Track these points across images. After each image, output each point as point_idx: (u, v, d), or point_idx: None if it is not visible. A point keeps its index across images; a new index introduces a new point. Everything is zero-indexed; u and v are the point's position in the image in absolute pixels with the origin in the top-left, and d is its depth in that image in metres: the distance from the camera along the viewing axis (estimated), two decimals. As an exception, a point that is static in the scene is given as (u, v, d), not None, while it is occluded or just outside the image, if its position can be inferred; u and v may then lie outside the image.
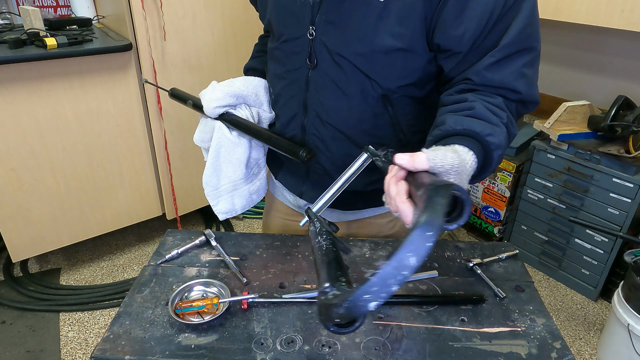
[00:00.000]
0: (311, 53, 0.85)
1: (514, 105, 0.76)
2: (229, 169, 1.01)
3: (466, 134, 0.68)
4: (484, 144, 0.68)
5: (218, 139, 0.99)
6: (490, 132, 0.68)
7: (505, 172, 2.25)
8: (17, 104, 1.72)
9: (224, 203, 1.03)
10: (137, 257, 2.34)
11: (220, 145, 0.99)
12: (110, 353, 0.76)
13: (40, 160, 1.85)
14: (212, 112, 0.98)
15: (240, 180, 1.02)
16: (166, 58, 1.96)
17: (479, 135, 0.68)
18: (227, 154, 0.99)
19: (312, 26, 0.82)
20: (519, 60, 0.73)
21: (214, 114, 0.98)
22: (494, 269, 0.99)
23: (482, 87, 0.75)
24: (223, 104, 0.97)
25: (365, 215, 1.08)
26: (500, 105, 0.73)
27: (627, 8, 1.67)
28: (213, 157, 1.00)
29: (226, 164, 1.00)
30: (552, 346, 0.79)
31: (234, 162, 1.00)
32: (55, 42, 1.71)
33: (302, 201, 1.09)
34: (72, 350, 1.79)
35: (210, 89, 1.00)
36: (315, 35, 0.83)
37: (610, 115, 1.88)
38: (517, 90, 0.74)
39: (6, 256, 2.20)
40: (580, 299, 2.14)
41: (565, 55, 2.34)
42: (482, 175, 0.71)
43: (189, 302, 0.84)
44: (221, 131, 0.98)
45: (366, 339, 0.80)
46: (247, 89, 1.00)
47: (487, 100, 0.73)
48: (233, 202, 1.04)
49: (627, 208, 1.86)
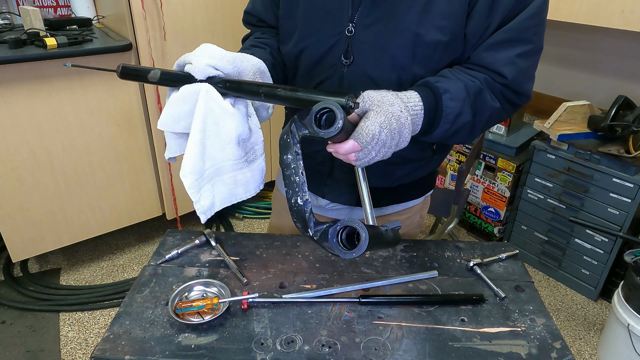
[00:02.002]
0: (347, 50, 0.85)
1: (499, 87, 0.80)
2: (215, 147, 0.77)
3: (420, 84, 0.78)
4: (431, 88, 0.76)
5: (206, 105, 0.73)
6: (440, 80, 0.77)
7: (505, 172, 2.25)
8: (17, 104, 1.72)
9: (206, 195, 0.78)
10: (137, 257, 2.34)
11: (207, 115, 0.74)
12: (110, 353, 0.76)
13: (40, 160, 1.85)
14: (201, 70, 0.74)
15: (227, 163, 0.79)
16: (166, 58, 1.96)
17: (428, 82, 0.77)
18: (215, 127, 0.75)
19: (352, 23, 0.83)
20: (513, 49, 0.77)
21: (203, 74, 0.75)
22: (494, 269, 0.99)
23: (474, 65, 0.80)
24: (218, 65, 0.75)
25: (385, 212, 1.08)
26: (475, 76, 0.79)
27: (627, 8, 1.67)
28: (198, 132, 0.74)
29: (211, 139, 0.76)
30: (552, 346, 0.79)
31: (222, 139, 0.76)
32: (55, 42, 1.71)
33: (323, 201, 1.07)
34: (72, 350, 1.79)
35: (202, 47, 0.78)
36: (354, 32, 0.83)
37: (610, 115, 1.88)
38: (503, 75, 0.78)
39: (6, 256, 2.20)
40: (580, 299, 2.14)
41: (565, 55, 2.34)
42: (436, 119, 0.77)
43: (189, 302, 0.84)
44: (210, 96, 0.74)
45: (366, 339, 0.80)
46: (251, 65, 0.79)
47: (462, 70, 0.80)
48: (213, 192, 0.79)
49: (627, 208, 1.86)
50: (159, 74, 0.75)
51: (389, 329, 0.82)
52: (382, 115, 0.67)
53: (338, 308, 0.86)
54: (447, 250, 1.05)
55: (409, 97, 0.73)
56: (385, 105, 0.68)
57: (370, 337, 0.80)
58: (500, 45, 0.77)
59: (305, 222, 0.68)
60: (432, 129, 0.77)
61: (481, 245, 1.08)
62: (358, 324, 0.83)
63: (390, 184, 1.00)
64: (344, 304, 0.87)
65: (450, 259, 1.02)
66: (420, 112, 0.74)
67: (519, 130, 2.36)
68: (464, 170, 1.76)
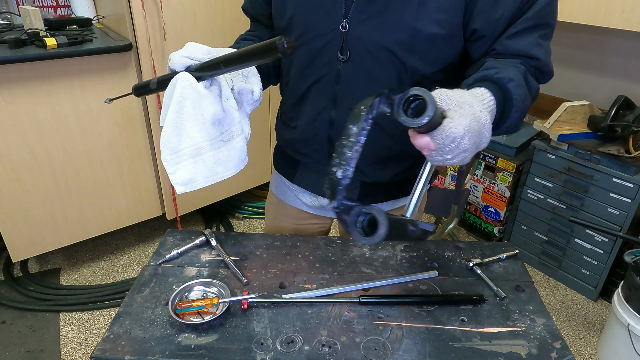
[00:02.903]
0: (343, 46, 0.85)
1: (533, 70, 0.80)
2: (193, 128, 0.83)
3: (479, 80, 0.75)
4: (494, 80, 0.74)
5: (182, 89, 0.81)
6: (496, 71, 0.74)
7: (505, 172, 2.25)
8: (17, 104, 1.72)
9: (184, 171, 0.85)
10: (137, 257, 2.34)
11: (184, 98, 0.81)
12: (110, 353, 0.76)
13: (40, 160, 1.85)
14: (178, 62, 0.80)
15: (205, 143, 0.85)
16: (166, 58, 1.96)
17: (487, 75, 0.74)
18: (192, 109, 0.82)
19: (346, 19, 0.83)
20: (536, 32, 0.79)
21: (180, 65, 0.81)
22: (494, 269, 0.99)
23: (503, 55, 0.80)
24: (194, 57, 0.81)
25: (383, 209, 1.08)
26: (514, 62, 0.78)
27: (627, 8, 1.67)
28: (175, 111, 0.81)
29: (190, 121, 0.82)
30: (552, 346, 0.79)
31: (198, 120, 0.83)
32: (55, 42, 1.71)
33: (324, 200, 1.08)
34: (72, 350, 1.79)
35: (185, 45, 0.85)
36: (348, 28, 0.83)
37: (610, 115, 1.88)
38: (535, 57, 0.79)
39: (6, 256, 2.20)
40: (580, 299, 2.14)
41: (565, 55, 2.34)
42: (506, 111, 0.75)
43: (189, 302, 0.84)
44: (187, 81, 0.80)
45: (366, 339, 0.80)
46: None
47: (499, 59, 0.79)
48: (195, 171, 0.86)
49: (627, 208, 1.86)
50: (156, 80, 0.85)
51: (389, 329, 0.82)
52: (467, 118, 0.63)
53: (338, 308, 0.87)
54: (447, 250, 1.05)
55: (481, 93, 0.71)
56: (466, 105, 0.65)
57: (370, 337, 0.80)
58: (524, 32, 0.78)
59: (334, 192, 0.65)
60: (502, 121, 0.76)
61: (481, 245, 1.08)
62: (358, 324, 0.83)
63: (388, 179, 1.00)
64: (344, 304, 0.87)
65: (450, 259, 1.02)
66: (494, 107, 0.72)
67: (519, 130, 2.36)
68: (464, 170, 1.76)
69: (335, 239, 1.08)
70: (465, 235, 2.58)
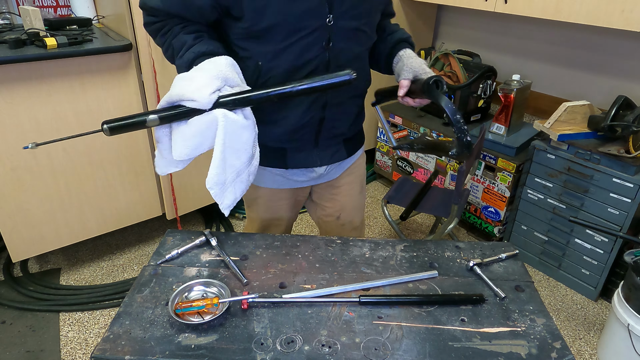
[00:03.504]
0: (329, 38, 1.01)
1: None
2: (233, 158, 0.90)
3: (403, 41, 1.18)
4: (409, 42, 1.20)
5: (225, 128, 0.84)
6: (404, 34, 1.21)
7: (505, 172, 2.25)
8: (17, 104, 1.72)
9: (229, 196, 0.93)
10: (137, 257, 2.34)
11: (226, 135, 0.85)
12: (110, 353, 0.76)
13: (40, 160, 1.85)
14: (209, 101, 0.85)
15: (243, 166, 0.93)
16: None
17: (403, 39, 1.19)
18: (232, 142, 0.88)
19: (331, 14, 0.98)
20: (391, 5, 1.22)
21: (211, 102, 0.85)
22: (494, 269, 0.99)
23: (389, 15, 1.23)
24: (215, 88, 0.86)
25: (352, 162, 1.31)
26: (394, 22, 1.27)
27: (627, 8, 1.67)
28: (220, 151, 0.86)
29: (231, 153, 0.89)
30: (552, 346, 0.79)
31: (239, 149, 0.90)
32: (55, 42, 1.71)
33: (321, 169, 1.22)
34: (72, 350, 1.79)
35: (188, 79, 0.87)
36: (333, 22, 0.99)
37: (610, 115, 1.88)
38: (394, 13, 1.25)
39: (6, 256, 2.20)
40: (580, 299, 2.14)
41: (565, 55, 2.34)
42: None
43: (189, 302, 0.84)
44: (227, 118, 0.85)
45: (366, 339, 0.80)
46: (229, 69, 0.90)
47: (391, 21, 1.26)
48: (236, 191, 0.95)
49: (627, 208, 1.86)
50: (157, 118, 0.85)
51: (389, 329, 0.82)
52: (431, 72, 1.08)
53: (338, 308, 0.87)
54: (447, 250, 1.05)
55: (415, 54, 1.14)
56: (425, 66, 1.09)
57: (370, 337, 0.80)
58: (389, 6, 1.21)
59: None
60: None
61: (481, 245, 1.08)
62: (358, 324, 0.83)
63: (355, 132, 1.25)
64: (344, 304, 0.87)
65: (450, 259, 1.02)
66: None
67: (519, 130, 2.36)
68: (464, 170, 1.76)
69: (335, 239, 1.08)
70: (465, 235, 2.58)
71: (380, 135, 2.90)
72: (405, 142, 1.16)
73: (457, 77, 2.48)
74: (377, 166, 3.01)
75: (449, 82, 2.50)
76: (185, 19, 1.00)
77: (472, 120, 2.56)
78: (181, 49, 0.97)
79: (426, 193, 2.20)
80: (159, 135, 0.94)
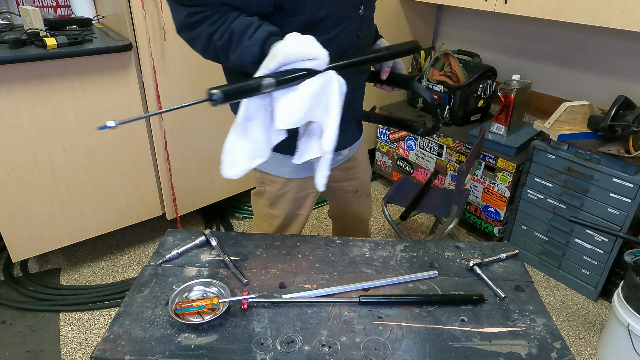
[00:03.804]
0: (360, 27, 1.11)
1: None
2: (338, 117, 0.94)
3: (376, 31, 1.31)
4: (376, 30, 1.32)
5: (340, 87, 0.90)
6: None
7: (505, 172, 2.25)
8: (17, 104, 1.72)
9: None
10: (137, 257, 2.34)
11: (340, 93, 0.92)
12: (110, 353, 0.76)
13: (40, 160, 1.85)
14: (327, 60, 0.90)
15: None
16: (166, 58, 1.96)
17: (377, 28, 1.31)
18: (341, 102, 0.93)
19: (362, 5, 1.08)
20: None
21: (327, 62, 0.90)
22: (494, 269, 0.99)
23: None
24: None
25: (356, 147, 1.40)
26: None
27: (627, 8, 1.67)
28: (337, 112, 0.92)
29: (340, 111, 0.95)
30: (552, 346, 0.79)
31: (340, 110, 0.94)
32: (55, 42, 1.71)
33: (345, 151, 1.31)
34: (72, 350, 1.79)
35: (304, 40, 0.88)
36: (363, 12, 1.09)
37: (610, 115, 1.88)
38: None
39: (6, 256, 2.20)
40: (580, 299, 2.14)
41: (565, 55, 2.34)
42: None
43: (189, 302, 0.84)
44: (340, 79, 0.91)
45: (366, 339, 0.80)
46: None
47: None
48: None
49: (627, 208, 1.86)
50: (275, 81, 0.81)
51: (389, 329, 0.82)
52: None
53: (338, 308, 0.87)
54: (447, 250, 1.05)
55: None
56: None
57: (370, 337, 0.80)
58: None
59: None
60: None
61: (481, 245, 1.08)
62: (358, 324, 0.83)
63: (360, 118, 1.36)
64: (344, 304, 0.87)
65: (450, 259, 1.02)
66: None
67: (519, 130, 2.36)
68: (464, 170, 1.76)
69: (336, 239, 1.08)
70: (465, 235, 2.58)
71: (380, 135, 2.90)
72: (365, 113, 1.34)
73: (457, 77, 2.48)
74: (377, 166, 3.01)
75: (449, 82, 2.50)
76: (238, 9, 0.97)
77: (472, 120, 2.56)
78: (248, 28, 0.94)
79: (426, 193, 2.20)
80: (253, 111, 0.86)
